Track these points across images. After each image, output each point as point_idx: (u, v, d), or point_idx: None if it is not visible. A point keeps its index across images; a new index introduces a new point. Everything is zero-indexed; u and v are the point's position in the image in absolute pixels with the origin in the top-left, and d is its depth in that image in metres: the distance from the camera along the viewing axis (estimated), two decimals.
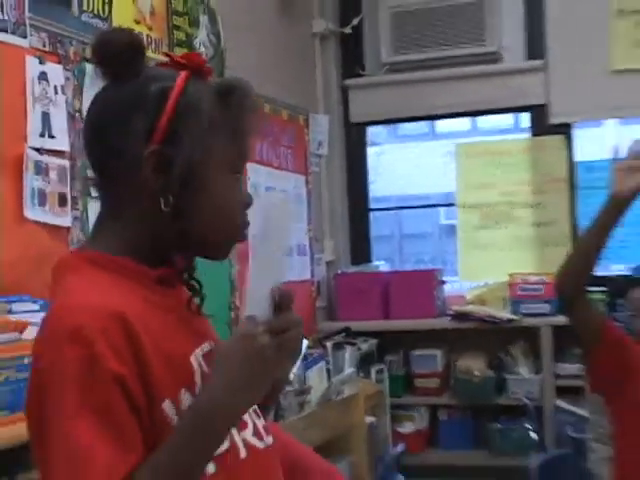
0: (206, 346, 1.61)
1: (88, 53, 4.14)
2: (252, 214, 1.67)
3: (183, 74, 1.58)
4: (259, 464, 1.60)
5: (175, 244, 1.60)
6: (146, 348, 1.44)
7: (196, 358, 1.56)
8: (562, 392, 6.28)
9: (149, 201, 1.54)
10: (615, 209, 3.10)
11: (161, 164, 1.52)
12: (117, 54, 1.54)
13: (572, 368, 6.34)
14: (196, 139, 1.54)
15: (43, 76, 3.87)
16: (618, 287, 4.42)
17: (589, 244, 3.18)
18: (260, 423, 1.67)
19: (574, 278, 3.16)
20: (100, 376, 1.39)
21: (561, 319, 6.37)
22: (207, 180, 1.57)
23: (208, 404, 1.47)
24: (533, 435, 6.01)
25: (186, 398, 1.50)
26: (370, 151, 7.61)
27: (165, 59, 1.67)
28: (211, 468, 1.50)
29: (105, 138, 1.56)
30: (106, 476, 1.35)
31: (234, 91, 1.62)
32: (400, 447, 3.38)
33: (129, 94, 1.55)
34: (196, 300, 1.68)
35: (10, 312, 3.44)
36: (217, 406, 1.47)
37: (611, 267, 7.05)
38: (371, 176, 7.57)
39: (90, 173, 1.69)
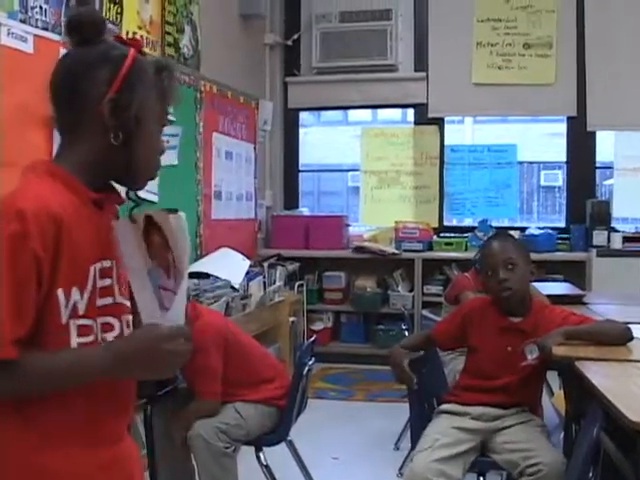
0: (107, 262, 1.52)
1: None
2: None
3: (133, 49, 1.56)
4: None
5: (116, 172, 1.56)
6: (63, 245, 1.40)
7: (95, 268, 1.48)
8: (427, 305, 6.42)
9: (103, 135, 1.50)
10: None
11: (116, 108, 1.49)
12: (91, 26, 1.52)
13: (434, 289, 6.52)
14: (141, 93, 1.53)
15: None
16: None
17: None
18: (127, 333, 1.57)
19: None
20: (25, 251, 1.35)
21: (429, 254, 6.57)
22: (145, 124, 1.54)
23: (105, 356, 1.43)
24: (406, 334, 6.08)
25: (75, 293, 1.44)
26: (301, 131, 7.59)
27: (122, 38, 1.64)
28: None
29: (76, 83, 1.50)
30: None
31: (166, 68, 1.60)
32: (312, 339, 3.45)
33: (98, 53, 1.52)
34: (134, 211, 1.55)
35: None
36: (108, 363, 1.42)
37: (464, 220, 7.19)
38: (300, 148, 7.56)
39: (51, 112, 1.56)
